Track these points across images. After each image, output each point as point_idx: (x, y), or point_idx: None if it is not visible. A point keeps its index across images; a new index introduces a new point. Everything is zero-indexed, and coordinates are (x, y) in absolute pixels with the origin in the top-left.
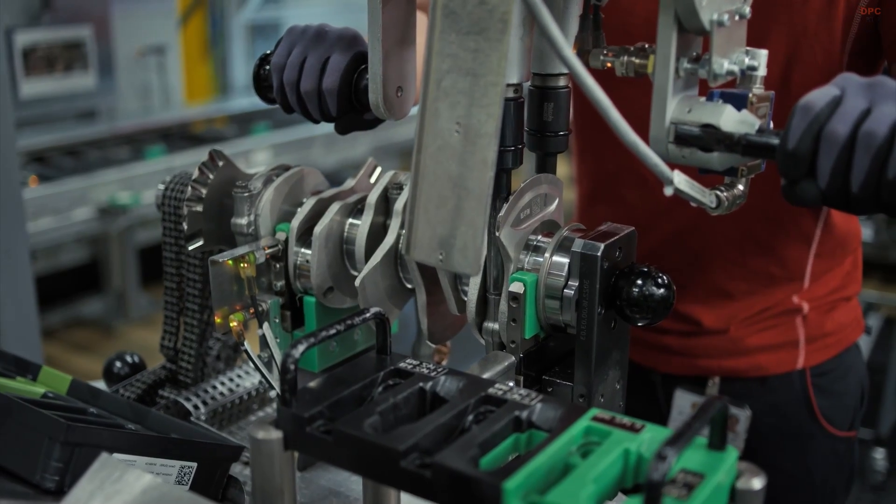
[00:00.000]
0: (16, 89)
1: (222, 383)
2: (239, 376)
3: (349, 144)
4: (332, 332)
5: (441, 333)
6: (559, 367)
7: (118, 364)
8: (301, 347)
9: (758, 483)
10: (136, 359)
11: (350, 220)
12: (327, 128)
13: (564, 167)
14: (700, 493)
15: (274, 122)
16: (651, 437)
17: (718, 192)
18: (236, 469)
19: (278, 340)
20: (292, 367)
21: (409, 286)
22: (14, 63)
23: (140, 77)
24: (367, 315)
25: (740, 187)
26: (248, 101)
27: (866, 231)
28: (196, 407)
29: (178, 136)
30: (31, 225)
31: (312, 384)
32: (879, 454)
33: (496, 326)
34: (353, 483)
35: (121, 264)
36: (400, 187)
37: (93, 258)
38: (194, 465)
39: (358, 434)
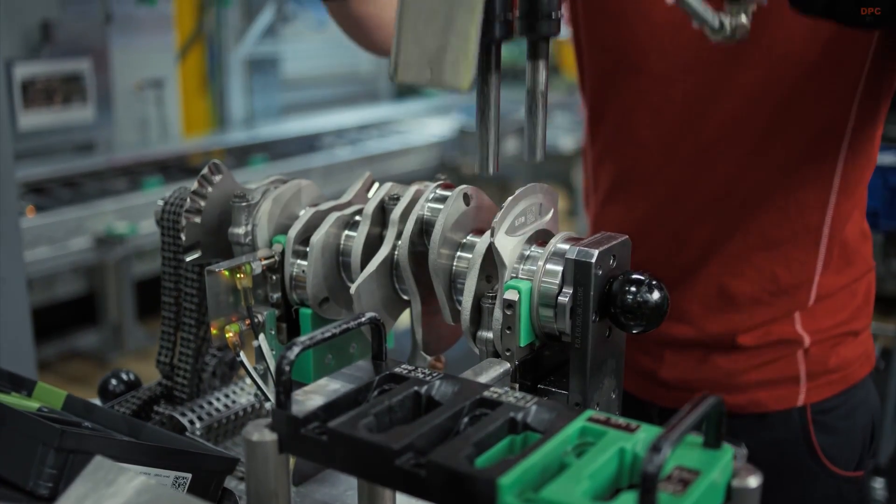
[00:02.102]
0: (14, 121)
1: (218, 399)
2: (235, 392)
3: (346, 175)
4: (328, 335)
5: (436, 344)
6: (554, 376)
7: (114, 382)
8: (296, 349)
9: (754, 481)
10: (132, 377)
11: (346, 232)
12: (324, 159)
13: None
14: (695, 490)
15: (271, 154)
16: (646, 437)
17: (722, 16)
18: (231, 484)
19: (274, 353)
20: (287, 368)
21: (405, 297)
22: (13, 95)
23: (138, 110)
24: (363, 319)
25: (744, 18)
26: (245, 133)
27: None
28: (192, 422)
29: (175, 168)
30: (27, 254)
31: (308, 388)
32: (879, 484)
33: (491, 335)
34: (349, 498)
35: (117, 296)
36: (397, 199)
37: (89, 290)
38: (189, 475)
39: (353, 433)
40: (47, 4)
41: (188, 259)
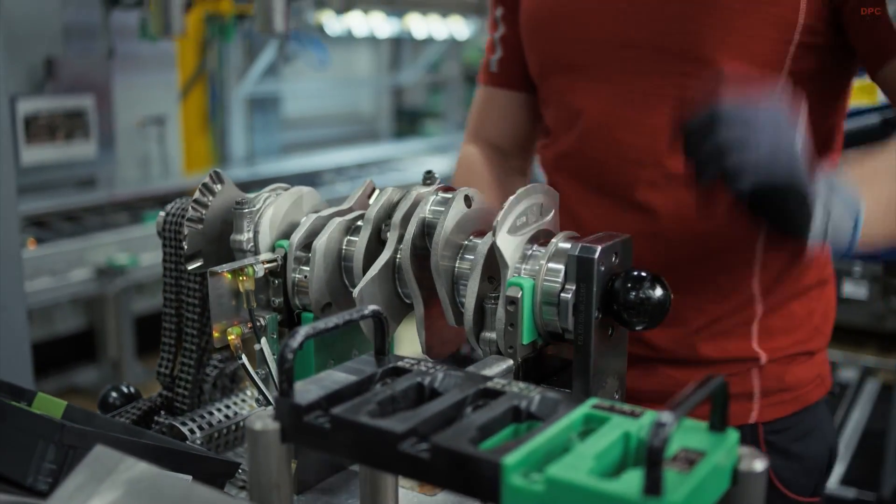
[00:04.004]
0: (17, 156)
1: (219, 410)
2: (235, 403)
3: None
4: (331, 325)
5: (439, 348)
6: (557, 377)
7: (114, 394)
8: (299, 337)
9: (759, 465)
10: (132, 390)
11: (348, 237)
12: (324, 196)
13: None
14: (701, 468)
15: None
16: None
17: None
18: (231, 493)
19: (276, 357)
20: (290, 356)
21: (408, 301)
22: (16, 130)
23: (140, 147)
24: (366, 312)
25: None
26: (246, 171)
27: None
28: (192, 431)
29: None
30: (28, 284)
31: (310, 379)
32: None
33: (494, 335)
34: None
35: (116, 332)
36: (398, 203)
37: (89, 326)
38: (189, 478)
39: (356, 419)
40: (51, 41)
41: (190, 267)
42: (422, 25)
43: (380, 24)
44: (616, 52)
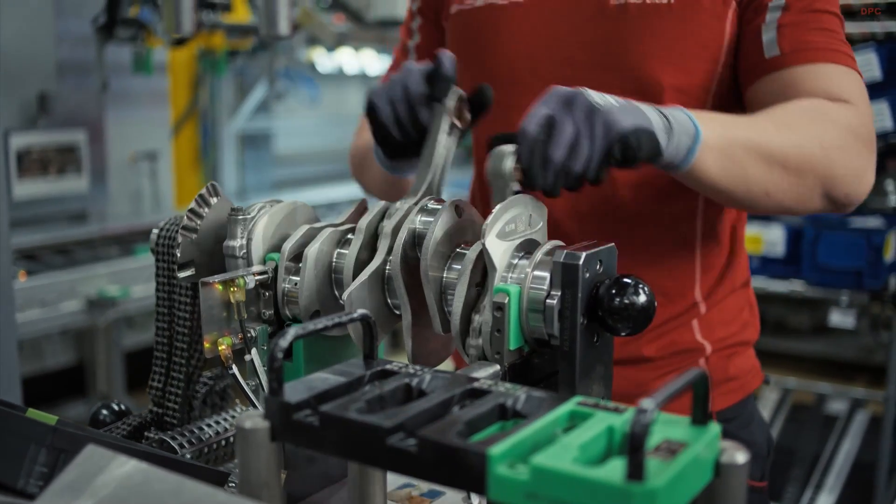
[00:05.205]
0: (9, 190)
1: (209, 425)
2: (226, 419)
3: None
4: (321, 326)
5: (425, 359)
6: (544, 385)
7: (104, 412)
8: (289, 336)
9: (741, 457)
10: (123, 407)
11: (339, 250)
12: None
13: None
14: (683, 457)
15: None
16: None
17: None
18: None
19: (266, 368)
20: (280, 355)
21: (396, 311)
22: (9, 165)
23: (132, 182)
24: (355, 316)
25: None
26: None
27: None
28: (182, 446)
29: None
30: (18, 315)
31: (299, 381)
32: None
33: (480, 342)
34: None
35: (106, 367)
36: (390, 215)
37: (78, 361)
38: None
39: (344, 415)
40: (45, 77)
41: (182, 276)
42: None
43: (370, 62)
44: (557, 69)
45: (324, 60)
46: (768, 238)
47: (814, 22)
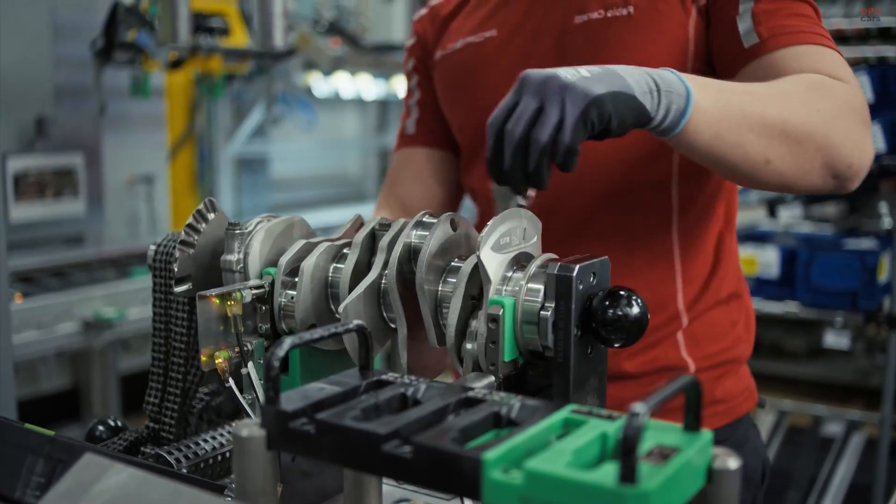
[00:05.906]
0: (6, 213)
1: (205, 441)
2: (222, 435)
3: None
4: (317, 336)
5: (420, 372)
6: (538, 397)
7: (101, 428)
8: (285, 346)
9: (733, 463)
10: (119, 423)
11: (335, 264)
12: None
13: None
14: (675, 462)
15: None
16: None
17: None
18: None
19: (262, 381)
20: (276, 364)
21: (392, 325)
22: (5, 187)
23: (129, 205)
24: (351, 326)
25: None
26: None
27: (847, 359)
28: (178, 461)
29: None
30: (14, 337)
31: (295, 390)
32: None
33: (475, 347)
34: None
35: (102, 390)
36: (386, 227)
37: (74, 384)
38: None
39: (340, 423)
40: (43, 100)
41: (178, 290)
42: None
43: (367, 86)
44: None
45: (320, 85)
46: (762, 259)
47: (788, 8)
